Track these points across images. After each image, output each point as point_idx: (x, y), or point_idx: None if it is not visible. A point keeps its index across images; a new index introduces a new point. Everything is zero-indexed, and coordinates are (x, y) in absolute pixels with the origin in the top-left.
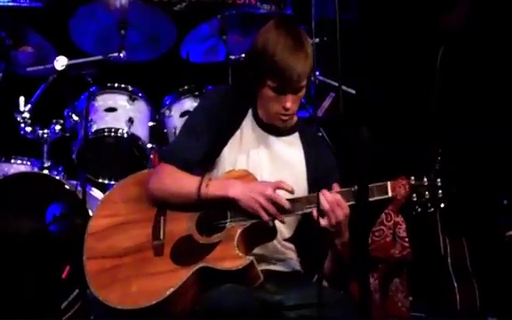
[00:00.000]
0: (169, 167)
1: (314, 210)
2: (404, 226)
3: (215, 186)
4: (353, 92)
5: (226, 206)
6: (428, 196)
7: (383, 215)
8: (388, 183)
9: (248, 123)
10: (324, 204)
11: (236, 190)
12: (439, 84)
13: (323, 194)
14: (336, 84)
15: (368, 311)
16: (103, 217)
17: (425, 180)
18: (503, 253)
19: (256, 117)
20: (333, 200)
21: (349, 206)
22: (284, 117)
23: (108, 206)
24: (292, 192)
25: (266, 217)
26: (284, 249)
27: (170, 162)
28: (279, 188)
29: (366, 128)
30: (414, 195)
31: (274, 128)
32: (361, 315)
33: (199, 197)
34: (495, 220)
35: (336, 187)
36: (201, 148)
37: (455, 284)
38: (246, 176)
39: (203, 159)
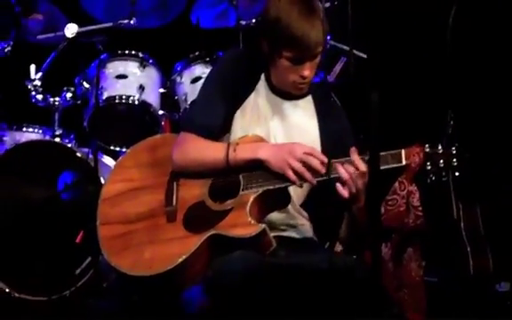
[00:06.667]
0: (191, 136)
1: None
2: (417, 195)
3: (244, 149)
4: (364, 56)
5: (251, 169)
6: (442, 165)
7: (397, 184)
8: (403, 151)
9: (261, 88)
10: (344, 175)
11: (267, 152)
12: (451, 46)
13: (342, 164)
14: (347, 49)
15: (379, 278)
16: (116, 182)
17: (439, 147)
18: None
19: (269, 82)
20: (353, 169)
21: None
22: (302, 85)
23: (121, 171)
24: (323, 162)
25: (293, 177)
26: (297, 215)
27: (191, 131)
28: (310, 154)
29: (376, 92)
30: (428, 163)
31: (287, 93)
32: (372, 282)
33: (228, 163)
34: (509, 185)
35: (354, 151)
36: (220, 114)
37: (468, 250)
38: (260, 142)
39: (222, 124)
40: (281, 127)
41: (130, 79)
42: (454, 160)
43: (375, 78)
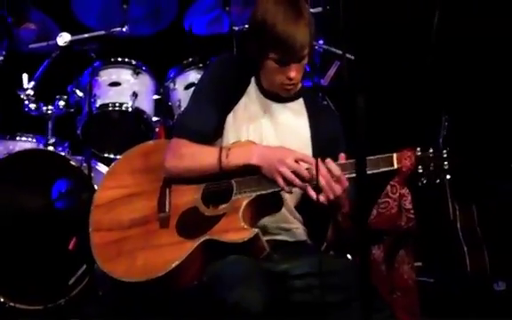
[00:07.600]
0: (183, 142)
1: (309, 187)
2: (409, 197)
3: (236, 154)
4: (352, 57)
5: (243, 173)
6: (433, 168)
7: (388, 187)
8: (394, 155)
9: (252, 91)
10: (320, 180)
11: (259, 157)
12: (435, 49)
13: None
14: (339, 53)
15: (369, 280)
16: (109, 188)
17: (431, 151)
18: None
19: (259, 85)
20: (329, 175)
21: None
22: (289, 87)
23: (113, 178)
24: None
25: (282, 184)
26: (290, 218)
27: (182, 136)
28: (302, 160)
29: (362, 96)
30: (420, 166)
31: (277, 96)
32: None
33: (221, 169)
34: (504, 185)
35: (342, 157)
36: (211, 119)
37: (465, 250)
38: (252, 146)
39: (214, 129)
40: (272, 129)
41: (123, 86)
42: (446, 163)
43: (362, 82)
